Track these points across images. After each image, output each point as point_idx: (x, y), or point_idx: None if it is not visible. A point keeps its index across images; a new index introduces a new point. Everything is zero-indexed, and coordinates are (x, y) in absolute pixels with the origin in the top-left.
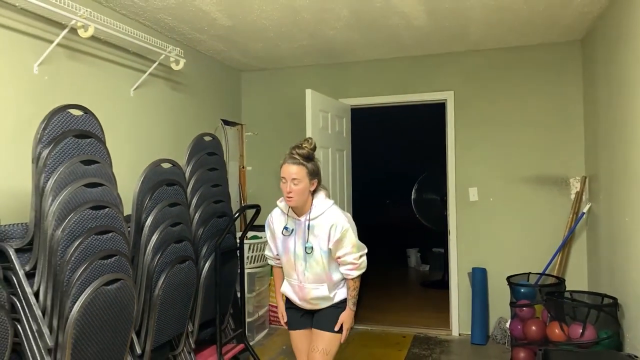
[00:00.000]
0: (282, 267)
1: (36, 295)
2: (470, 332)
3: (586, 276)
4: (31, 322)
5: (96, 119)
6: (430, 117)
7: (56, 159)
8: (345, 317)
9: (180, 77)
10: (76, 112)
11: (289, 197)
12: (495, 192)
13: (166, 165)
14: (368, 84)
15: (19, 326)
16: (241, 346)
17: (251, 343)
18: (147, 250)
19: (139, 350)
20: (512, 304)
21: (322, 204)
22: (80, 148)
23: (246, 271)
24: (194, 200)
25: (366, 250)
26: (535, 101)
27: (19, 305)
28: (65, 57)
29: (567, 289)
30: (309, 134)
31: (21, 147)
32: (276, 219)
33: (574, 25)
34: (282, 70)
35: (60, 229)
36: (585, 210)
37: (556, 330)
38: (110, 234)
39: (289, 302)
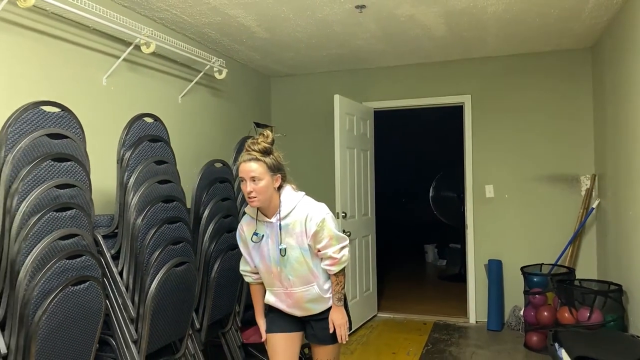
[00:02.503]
0: (261, 283)
1: (120, 274)
2: (486, 320)
3: (596, 266)
4: (117, 296)
5: (164, 125)
6: (446, 119)
7: (136, 160)
8: (335, 316)
9: (219, 84)
10: (149, 120)
11: (251, 198)
12: (510, 189)
13: (218, 165)
14: (390, 88)
15: (107, 300)
16: None
17: None
18: (205, 239)
19: (197, 325)
20: (525, 292)
21: (292, 198)
22: (153, 150)
23: None
24: (240, 196)
25: (347, 242)
26: (548, 104)
27: (106, 282)
28: (127, 69)
29: (576, 277)
30: (336, 136)
31: (97, 150)
32: (246, 227)
33: (584, 34)
34: (309, 76)
35: (140, 219)
36: (594, 205)
37: (566, 315)
38: (177, 224)
39: (271, 307)
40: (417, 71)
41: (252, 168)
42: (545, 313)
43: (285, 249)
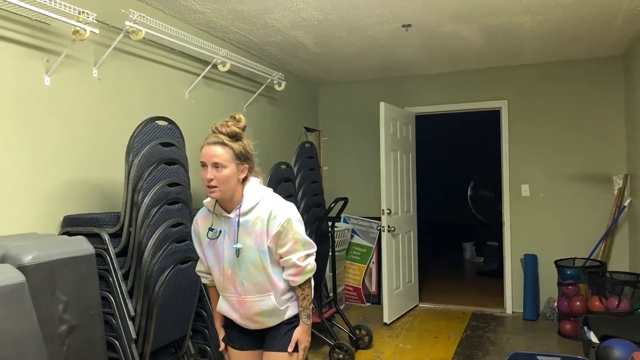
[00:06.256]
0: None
1: None
2: (522, 310)
3: (628, 261)
4: None
5: None
6: (483, 123)
7: None
8: (300, 334)
9: (275, 93)
10: None
11: (210, 188)
12: (545, 188)
13: (283, 167)
14: (431, 94)
15: None
16: (333, 310)
17: None
18: None
19: None
20: (559, 284)
21: (256, 193)
22: None
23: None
24: (300, 193)
25: (314, 250)
26: (582, 108)
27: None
28: (204, 84)
29: (607, 270)
30: (382, 140)
31: None
32: (202, 222)
33: (615, 43)
34: (354, 84)
35: None
36: (626, 204)
37: (596, 303)
38: None
39: (228, 320)
40: (456, 78)
41: (216, 152)
42: (578, 303)
43: (239, 249)
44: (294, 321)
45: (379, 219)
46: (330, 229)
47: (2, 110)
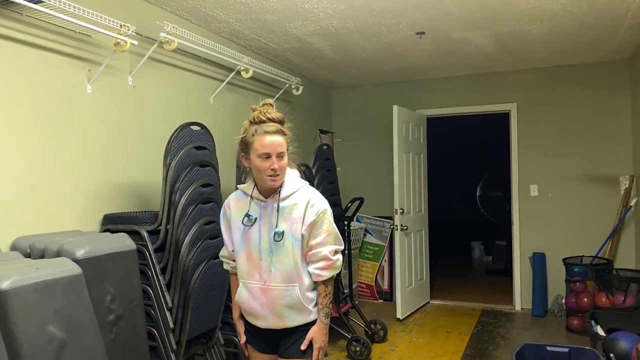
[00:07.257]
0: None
1: None
2: (531, 307)
3: (634, 258)
4: None
5: None
6: (492, 125)
7: None
8: (315, 333)
9: (292, 97)
10: None
11: (274, 177)
12: (553, 188)
13: (302, 168)
14: (442, 97)
15: None
16: (349, 305)
17: None
18: None
19: None
20: (567, 281)
21: (296, 181)
22: None
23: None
24: None
25: (343, 247)
26: (589, 110)
27: None
28: (227, 90)
29: (614, 267)
30: (395, 142)
31: None
32: (235, 205)
33: (620, 48)
34: (367, 87)
35: None
36: (632, 204)
37: (603, 299)
38: None
39: (247, 323)
40: (466, 82)
41: (280, 142)
42: (585, 299)
43: (282, 232)
44: (310, 328)
45: (391, 218)
46: (346, 228)
47: (48, 116)
